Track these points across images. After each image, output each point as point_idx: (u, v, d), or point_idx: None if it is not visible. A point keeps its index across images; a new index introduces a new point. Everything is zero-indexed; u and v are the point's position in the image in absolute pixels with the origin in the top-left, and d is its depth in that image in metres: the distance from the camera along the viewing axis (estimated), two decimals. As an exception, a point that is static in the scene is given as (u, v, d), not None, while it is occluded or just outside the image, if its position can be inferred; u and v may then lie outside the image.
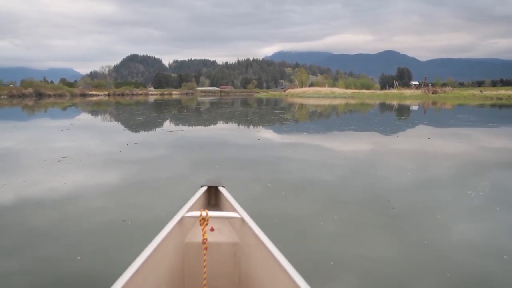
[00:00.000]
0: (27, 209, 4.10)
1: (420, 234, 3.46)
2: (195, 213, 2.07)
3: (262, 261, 1.85)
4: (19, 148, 8.35)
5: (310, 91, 69.75)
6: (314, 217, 3.87)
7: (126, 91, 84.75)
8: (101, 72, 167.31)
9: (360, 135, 11.04)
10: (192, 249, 2.11)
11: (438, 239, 3.37)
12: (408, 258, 3.02)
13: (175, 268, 2.03)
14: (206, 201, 2.59)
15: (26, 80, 66.18)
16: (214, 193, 2.64)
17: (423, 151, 7.97)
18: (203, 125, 14.82)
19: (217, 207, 2.58)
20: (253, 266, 1.98)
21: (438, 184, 5.28)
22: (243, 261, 2.11)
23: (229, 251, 2.14)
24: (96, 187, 5.04)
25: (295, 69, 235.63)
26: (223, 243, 2.14)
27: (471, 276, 2.77)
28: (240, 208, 2.23)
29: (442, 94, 48.61)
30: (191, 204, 2.26)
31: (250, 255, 2.02)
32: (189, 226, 2.24)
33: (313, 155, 7.61)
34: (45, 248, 3.16)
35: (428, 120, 17.57)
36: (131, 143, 8.84)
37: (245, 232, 2.10)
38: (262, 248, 1.84)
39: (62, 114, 22.56)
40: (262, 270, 1.87)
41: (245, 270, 2.09)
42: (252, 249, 1.98)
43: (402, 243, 3.31)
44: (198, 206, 2.36)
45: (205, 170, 6.06)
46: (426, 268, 2.83)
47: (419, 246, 3.21)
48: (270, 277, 1.76)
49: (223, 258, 2.13)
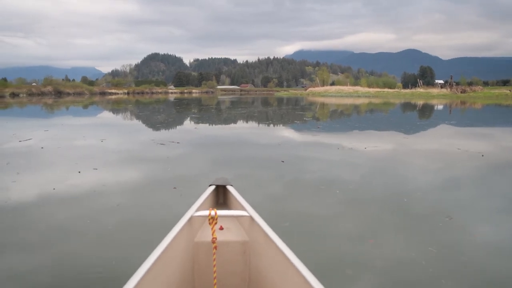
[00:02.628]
0: (51, 206, 4.15)
1: (441, 235, 3.36)
2: (204, 212, 2.07)
3: (272, 259, 1.85)
4: (41, 146, 8.20)
5: (332, 90, 68.08)
6: (333, 217, 3.85)
7: (146, 90, 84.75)
8: (122, 71, 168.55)
9: (414, 141, 9.46)
10: (202, 248, 2.10)
11: (460, 241, 3.28)
12: (429, 260, 2.88)
13: (185, 267, 2.02)
14: (214, 200, 2.60)
15: (51, 79, 66.53)
16: (223, 192, 2.64)
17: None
18: (224, 124, 14.23)
19: (225, 206, 2.59)
20: (263, 264, 1.98)
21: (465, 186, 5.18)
22: (252, 259, 2.10)
23: (238, 249, 2.12)
24: (120, 184, 5.05)
25: (315, 68, 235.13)
26: (233, 241, 2.12)
27: (492, 279, 2.67)
28: (249, 207, 2.22)
29: (472, 93, 46.52)
30: (199, 204, 2.26)
31: (260, 253, 2.02)
32: (198, 226, 2.24)
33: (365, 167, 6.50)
34: (68, 243, 3.19)
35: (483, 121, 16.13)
36: (152, 141, 8.89)
37: (254, 230, 2.09)
38: (271, 246, 1.84)
39: (79, 112, 21.84)
40: (272, 268, 1.87)
41: (255, 268, 2.07)
42: (262, 247, 1.98)
43: (422, 245, 3.17)
44: (207, 205, 2.37)
45: (224, 168, 6.10)
46: (446, 271, 2.74)
47: (440, 248, 3.09)
48: (281, 275, 1.76)
49: (232, 257, 2.11)
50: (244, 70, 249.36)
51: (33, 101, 36.83)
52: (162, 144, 8.26)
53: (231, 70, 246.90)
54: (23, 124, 13.81)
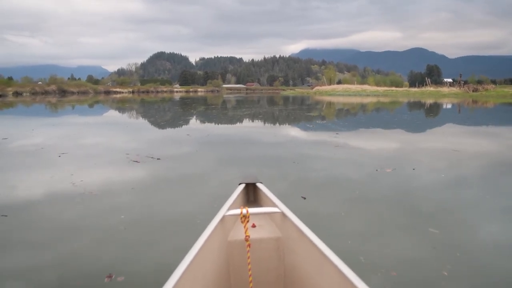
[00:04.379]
0: (58, 204, 4.12)
1: (449, 235, 3.30)
2: (236, 211, 2.08)
3: (306, 254, 1.86)
4: (47, 145, 8.25)
5: (340, 88, 67.04)
6: (340, 215, 3.82)
7: (151, 88, 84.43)
8: (128, 70, 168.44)
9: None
10: (236, 247, 2.11)
11: (468, 241, 3.23)
12: (436, 259, 2.83)
13: (220, 267, 2.03)
14: (245, 198, 2.62)
15: (56, 77, 66.22)
16: (253, 190, 2.65)
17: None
18: (231, 124, 13.29)
19: (256, 203, 2.60)
20: (298, 259, 1.98)
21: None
22: (287, 255, 2.11)
23: (272, 246, 2.13)
24: (126, 183, 5.00)
25: (321, 67, 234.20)
26: (266, 238, 2.14)
27: (502, 279, 2.62)
28: (280, 203, 2.23)
29: (484, 92, 45.36)
30: (231, 202, 2.26)
31: (294, 249, 2.02)
32: (231, 224, 2.25)
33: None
34: (75, 242, 3.14)
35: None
36: (126, 156, 6.83)
37: (286, 226, 2.10)
38: (305, 241, 1.85)
39: (83, 111, 21.16)
40: (306, 263, 1.87)
41: (289, 264, 2.07)
42: (295, 242, 1.99)
43: (429, 244, 3.11)
44: (238, 204, 2.38)
45: (231, 168, 6.05)
46: (454, 270, 2.68)
47: (447, 247, 3.05)
48: (316, 269, 1.76)
49: (266, 254, 2.12)
50: (250, 69, 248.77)
51: (36, 100, 36.40)
52: (136, 161, 6.29)
53: (237, 69, 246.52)
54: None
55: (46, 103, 30.62)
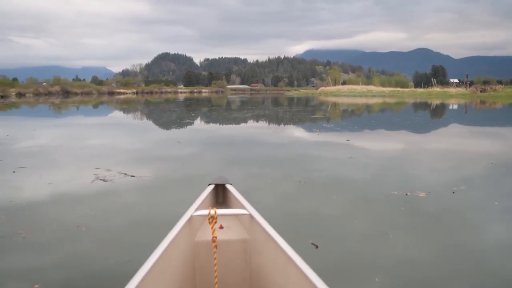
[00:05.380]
0: (62, 205, 4.07)
1: (453, 236, 3.27)
2: (204, 212, 2.06)
3: (272, 257, 1.85)
4: (52, 146, 8.14)
5: (345, 89, 66.45)
6: (344, 216, 3.75)
7: (155, 89, 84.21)
8: (132, 70, 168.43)
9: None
10: (202, 248, 2.10)
11: (472, 242, 3.20)
12: (440, 261, 2.79)
13: (186, 267, 2.02)
14: (214, 199, 2.59)
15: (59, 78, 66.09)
16: (222, 191, 2.63)
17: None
18: (231, 131, 12.64)
19: (225, 204, 2.58)
20: (264, 262, 1.97)
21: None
22: (253, 258, 2.10)
23: (239, 248, 2.12)
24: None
25: (326, 67, 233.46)
26: (233, 240, 2.13)
27: (505, 280, 2.57)
28: (248, 205, 2.21)
29: (492, 92, 44.62)
30: (199, 203, 2.25)
31: (260, 251, 2.02)
32: (198, 225, 2.23)
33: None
34: (79, 243, 3.11)
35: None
36: (94, 175, 5.47)
37: (254, 229, 2.09)
38: (272, 244, 1.84)
39: (87, 112, 20.77)
40: (273, 266, 1.87)
41: (256, 266, 2.07)
42: (262, 245, 1.98)
43: (434, 245, 3.07)
44: (206, 205, 2.36)
45: (235, 168, 5.95)
46: (459, 271, 2.67)
47: (452, 248, 3.01)
48: (282, 272, 1.76)
49: (233, 255, 2.11)
50: (255, 70, 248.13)
51: (40, 101, 36.14)
52: (104, 180, 5.06)
53: (241, 70, 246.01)
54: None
55: (39, 104, 30.31)
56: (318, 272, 1.50)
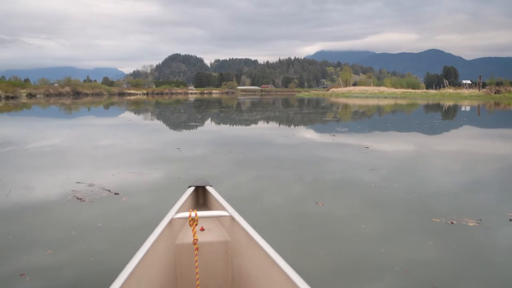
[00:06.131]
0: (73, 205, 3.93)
1: (464, 238, 3.12)
2: (184, 214, 2.05)
3: (254, 258, 1.85)
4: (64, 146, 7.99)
5: (356, 90, 65.71)
6: (354, 218, 3.56)
7: (165, 90, 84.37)
8: (143, 71, 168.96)
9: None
10: (183, 250, 2.08)
11: (483, 244, 3.03)
12: (451, 263, 2.69)
13: (167, 270, 2.00)
14: (194, 202, 2.58)
15: (70, 79, 66.42)
16: (202, 193, 2.63)
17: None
18: (239, 135, 12.04)
19: (205, 207, 2.58)
20: (246, 263, 1.97)
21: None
22: (235, 259, 2.09)
23: (220, 249, 2.11)
24: (139, 183, 4.72)
25: (337, 68, 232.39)
26: (214, 242, 2.11)
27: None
28: (229, 207, 2.21)
29: (507, 94, 43.71)
30: (179, 206, 2.23)
31: (242, 253, 2.01)
32: (179, 228, 2.21)
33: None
34: (91, 243, 3.01)
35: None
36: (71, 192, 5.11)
37: (235, 230, 2.09)
38: (253, 245, 1.84)
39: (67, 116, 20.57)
40: (254, 267, 1.86)
41: (237, 268, 2.07)
42: (244, 246, 1.98)
43: (444, 248, 2.94)
44: (186, 207, 2.35)
45: (245, 168, 5.88)
46: (470, 274, 2.56)
47: (462, 251, 2.88)
48: (263, 273, 1.76)
49: (214, 257, 2.11)
50: (265, 71, 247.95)
51: (51, 101, 36.12)
52: (81, 200, 4.19)
53: (252, 71, 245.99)
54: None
55: (37, 105, 30.25)
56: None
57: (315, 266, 2.72)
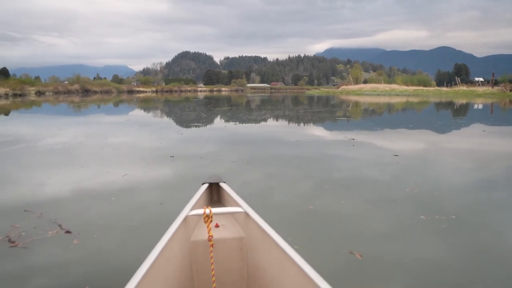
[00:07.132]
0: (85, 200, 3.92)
1: (476, 238, 3.09)
2: (199, 211, 2.06)
3: (269, 254, 1.85)
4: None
5: (367, 88, 64.84)
6: (364, 216, 3.52)
7: (174, 88, 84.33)
8: (153, 69, 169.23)
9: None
10: (199, 247, 2.08)
11: (495, 244, 2.98)
12: (462, 263, 2.66)
13: (183, 267, 2.00)
14: (208, 198, 2.58)
15: (79, 77, 66.55)
16: (216, 190, 2.62)
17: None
18: (247, 139, 11.45)
19: (220, 203, 2.58)
20: (261, 259, 1.97)
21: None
22: (250, 255, 2.09)
23: (235, 246, 2.11)
24: (148, 182, 4.67)
25: (347, 66, 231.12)
26: (229, 238, 2.12)
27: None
28: (243, 203, 2.20)
29: (522, 91, 42.88)
30: (194, 202, 2.23)
31: (257, 249, 2.01)
32: (194, 224, 2.21)
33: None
34: (101, 239, 3.04)
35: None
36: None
37: (250, 226, 2.09)
38: (268, 241, 1.85)
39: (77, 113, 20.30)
40: (270, 262, 1.86)
41: (252, 264, 2.06)
42: (258, 242, 1.98)
43: (456, 247, 2.91)
44: (201, 204, 2.36)
45: (255, 166, 5.77)
46: (481, 274, 2.51)
47: (474, 250, 2.86)
48: (279, 269, 1.76)
49: (230, 254, 2.11)
50: (275, 68, 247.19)
51: (60, 99, 36.10)
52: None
53: (261, 68, 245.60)
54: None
55: (40, 103, 30.12)
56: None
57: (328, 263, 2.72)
